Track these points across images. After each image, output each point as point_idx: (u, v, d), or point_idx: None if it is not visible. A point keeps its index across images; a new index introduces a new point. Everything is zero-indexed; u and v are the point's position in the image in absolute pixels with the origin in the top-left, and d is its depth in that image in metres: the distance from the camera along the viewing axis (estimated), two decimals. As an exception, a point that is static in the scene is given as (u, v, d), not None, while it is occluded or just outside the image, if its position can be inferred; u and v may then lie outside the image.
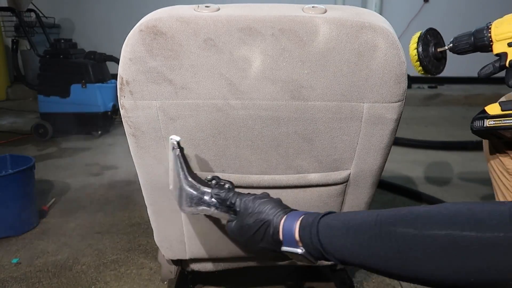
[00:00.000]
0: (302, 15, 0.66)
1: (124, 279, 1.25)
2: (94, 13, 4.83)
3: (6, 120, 3.53)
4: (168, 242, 0.98)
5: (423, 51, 0.91)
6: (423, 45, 0.92)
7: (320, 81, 0.69)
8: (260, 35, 0.66)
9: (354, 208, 0.92)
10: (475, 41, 0.88)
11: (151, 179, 0.85)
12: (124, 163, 2.33)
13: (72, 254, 1.40)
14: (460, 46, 0.90)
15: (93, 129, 2.94)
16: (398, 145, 2.60)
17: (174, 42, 0.66)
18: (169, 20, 0.66)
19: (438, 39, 0.95)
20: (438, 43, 0.94)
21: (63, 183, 2.05)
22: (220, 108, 0.72)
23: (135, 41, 0.67)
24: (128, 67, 0.69)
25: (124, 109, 0.74)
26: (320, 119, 0.73)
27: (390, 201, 1.79)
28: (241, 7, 0.69)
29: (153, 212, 0.92)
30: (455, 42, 0.91)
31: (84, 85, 2.82)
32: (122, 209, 1.75)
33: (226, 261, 1.06)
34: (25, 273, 1.29)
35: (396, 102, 0.72)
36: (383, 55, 0.66)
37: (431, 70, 0.94)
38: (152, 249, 1.42)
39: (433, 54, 0.93)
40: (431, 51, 0.92)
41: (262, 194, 0.72)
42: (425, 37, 0.92)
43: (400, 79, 0.69)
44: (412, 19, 4.71)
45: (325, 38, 0.66)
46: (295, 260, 0.65)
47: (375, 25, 0.65)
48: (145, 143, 0.78)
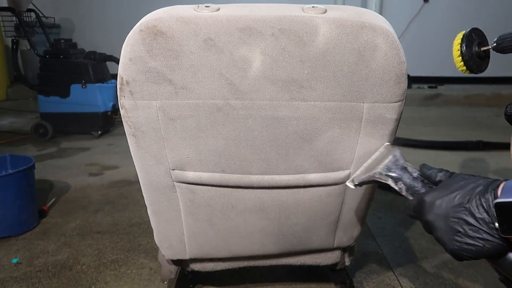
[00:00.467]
0: (302, 15, 0.66)
1: (124, 279, 1.25)
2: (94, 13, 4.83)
3: (6, 120, 3.53)
4: (168, 242, 0.98)
5: (466, 50, 0.92)
6: (467, 44, 0.92)
7: (320, 81, 0.69)
8: (260, 35, 0.66)
9: (354, 209, 0.92)
10: None
11: (151, 179, 0.85)
12: (124, 163, 2.33)
13: (72, 254, 1.40)
14: (503, 44, 0.90)
15: (93, 129, 2.95)
16: (398, 145, 2.60)
17: (174, 42, 0.66)
18: (169, 20, 0.66)
19: (482, 38, 0.96)
20: (481, 42, 0.95)
21: (63, 183, 2.05)
22: (220, 108, 0.72)
23: (135, 41, 0.67)
24: (128, 67, 0.69)
25: (124, 109, 0.74)
26: (320, 119, 0.73)
27: (390, 201, 1.79)
28: (241, 7, 0.69)
29: (153, 212, 0.92)
30: (499, 40, 0.91)
31: (84, 85, 2.83)
32: (122, 209, 1.75)
33: (226, 261, 1.06)
34: (25, 273, 1.29)
35: (396, 102, 0.72)
36: (383, 55, 0.66)
37: (473, 68, 0.94)
38: (152, 249, 1.42)
39: (476, 53, 0.93)
40: (475, 50, 0.93)
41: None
42: (469, 36, 0.93)
43: (400, 79, 0.69)
44: (412, 19, 4.71)
45: (325, 38, 0.66)
46: (502, 233, 0.52)
47: (375, 25, 0.65)
48: (145, 143, 0.78)
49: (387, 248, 1.44)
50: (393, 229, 1.57)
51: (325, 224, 0.94)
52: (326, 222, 0.93)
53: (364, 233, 1.48)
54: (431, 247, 1.43)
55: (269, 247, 0.98)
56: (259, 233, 0.94)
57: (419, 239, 1.49)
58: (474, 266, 1.31)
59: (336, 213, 0.92)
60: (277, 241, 0.96)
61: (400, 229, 1.57)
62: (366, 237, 1.50)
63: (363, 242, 1.47)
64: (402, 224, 1.60)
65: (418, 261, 1.36)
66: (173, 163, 0.80)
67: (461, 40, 0.93)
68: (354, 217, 0.94)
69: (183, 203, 0.89)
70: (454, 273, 1.28)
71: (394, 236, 1.52)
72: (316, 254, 1.07)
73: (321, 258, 1.08)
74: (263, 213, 0.89)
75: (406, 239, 1.50)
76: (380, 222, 1.62)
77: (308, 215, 0.91)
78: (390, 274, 1.29)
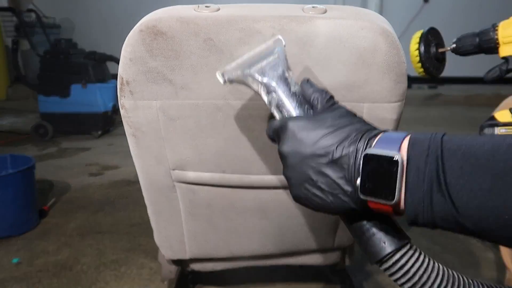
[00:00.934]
0: (302, 15, 0.66)
1: (124, 279, 1.26)
2: (94, 13, 4.83)
3: (6, 120, 3.54)
4: (168, 242, 0.98)
5: (425, 52, 0.88)
6: (425, 46, 0.89)
7: (319, 81, 0.69)
8: (260, 35, 0.66)
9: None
10: (480, 42, 0.85)
11: (151, 179, 0.85)
12: (124, 163, 2.33)
13: (72, 254, 1.40)
14: (464, 48, 0.87)
15: (93, 129, 2.95)
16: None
17: (174, 42, 0.66)
18: (169, 20, 0.66)
19: (439, 39, 0.92)
20: (439, 43, 0.91)
21: (63, 183, 2.05)
22: (220, 108, 0.72)
23: (135, 41, 0.67)
24: (128, 67, 0.69)
25: (124, 109, 0.74)
26: (320, 119, 0.73)
27: (390, 201, 1.79)
28: (241, 7, 0.69)
29: (153, 212, 0.92)
30: (459, 43, 0.88)
31: (84, 85, 2.83)
32: (122, 209, 1.75)
33: (226, 261, 1.06)
34: (25, 273, 1.29)
35: (396, 102, 0.72)
36: (383, 55, 0.66)
37: (432, 71, 0.90)
38: (152, 249, 1.42)
39: (434, 54, 0.90)
40: (433, 52, 0.89)
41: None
42: (426, 37, 0.89)
43: (400, 79, 0.69)
44: (412, 19, 4.71)
45: (325, 38, 0.66)
46: (363, 193, 0.42)
47: (375, 25, 0.65)
48: (145, 143, 0.78)
49: (387, 248, 1.43)
50: (393, 229, 1.57)
51: (325, 224, 0.94)
52: (326, 222, 0.93)
53: (364, 233, 1.48)
54: (431, 247, 1.43)
55: (269, 247, 0.98)
56: (259, 233, 0.94)
57: (419, 239, 1.49)
58: (474, 266, 1.31)
59: (336, 213, 0.92)
60: (277, 241, 0.96)
61: (400, 229, 1.56)
62: (366, 237, 1.50)
63: (363, 242, 1.47)
64: (402, 224, 1.60)
65: (418, 261, 1.35)
66: (173, 163, 0.80)
67: (419, 41, 0.89)
68: (354, 217, 0.94)
69: (183, 203, 0.89)
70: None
71: (394, 236, 1.52)
72: (316, 254, 1.07)
73: (321, 258, 1.08)
74: (263, 213, 0.89)
75: (406, 239, 1.50)
76: (380, 222, 1.62)
77: (308, 215, 0.91)
78: (390, 274, 1.29)
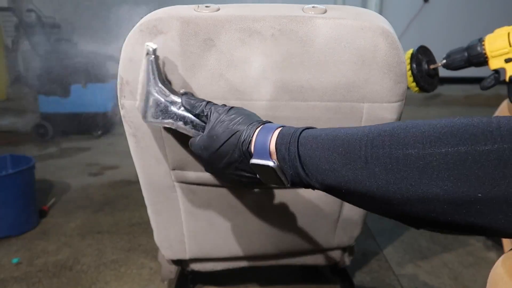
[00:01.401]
0: (302, 15, 0.66)
1: (124, 279, 1.26)
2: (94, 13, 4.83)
3: (6, 120, 3.53)
4: (168, 242, 0.98)
5: (417, 71, 0.92)
6: (416, 65, 0.92)
7: (320, 81, 0.69)
8: (260, 35, 0.66)
9: (354, 208, 0.92)
10: (469, 57, 0.90)
11: (151, 179, 0.85)
12: (124, 163, 2.33)
13: (72, 254, 1.40)
14: (455, 63, 0.92)
15: (93, 129, 2.95)
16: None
17: (174, 42, 0.66)
18: (169, 20, 0.66)
19: (429, 56, 0.95)
20: (430, 60, 0.95)
21: (63, 183, 2.05)
22: (220, 108, 0.72)
23: (135, 41, 0.67)
24: (128, 67, 0.69)
25: (124, 109, 0.74)
26: (320, 119, 0.73)
27: (390, 201, 1.79)
28: (241, 7, 0.69)
29: (153, 212, 0.92)
30: (449, 60, 0.92)
31: (84, 85, 2.83)
32: (122, 209, 1.75)
33: (226, 261, 1.06)
34: (25, 273, 1.29)
35: (396, 102, 0.71)
36: (383, 55, 0.66)
37: (428, 88, 0.94)
38: (152, 249, 1.42)
39: (426, 71, 0.93)
40: (425, 69, 0.93)
41: (239, 107, 0.63)
42: (417, 57, 0.93)
43: (400, 79, 0.69)
44: (412, 19, 4.71)
45: (325, 38, 0.66)
46: (265, 182, 0.56)
47: (375, 25, 0.65)
48: (145, 143, 0.78)
49: (387, 248, 1.44)
50: (393, 229, 1.57)
51: (325, 224, 0.94)
52: (326, 222, 0.93)
53: (364, 233, 1.48)
54: (431, 247, 1.43)
55: (269, 247, 0.98)
56: (259, 233, 0.94)
57: (419, 239, 1.49)
58: (474, 266, 1.31)
59: (336, 213, 0.92)
60: (277, 241, 0.96)
61: (400, 229, 1.57)
62: (366, 237, 1.50)
63: (363, 242, 1.47)
64: (402, 224, 1.60)
65: (418, 261, 1.36)
66: (173, 163, 0.80)
67: (410, 62, 0.93)
68: (354, 217, 0.94)
69: (183, 203, 0.89)
70: (454, 273, 1.28)
71: (394, 236, 1.52)
72: (316, 254, 1.07)
73: (321, 258, 1.08)
74: (263, 213, 0.89)
75: (406, 238, 1.50)
76: (380, 222, 1.62)
77: (308, 215, 0.91)
78: (390, 274, 1.29)
